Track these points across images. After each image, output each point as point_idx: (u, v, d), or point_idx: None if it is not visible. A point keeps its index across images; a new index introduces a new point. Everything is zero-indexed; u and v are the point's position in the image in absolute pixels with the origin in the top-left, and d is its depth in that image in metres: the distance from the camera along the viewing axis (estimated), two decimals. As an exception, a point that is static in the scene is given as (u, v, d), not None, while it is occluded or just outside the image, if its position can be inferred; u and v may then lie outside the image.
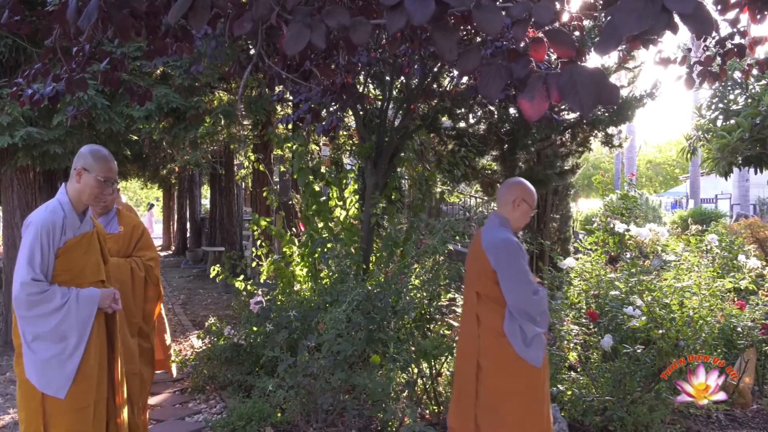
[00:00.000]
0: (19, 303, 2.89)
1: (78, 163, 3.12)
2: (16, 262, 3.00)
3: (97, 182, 3.13)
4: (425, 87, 6.49)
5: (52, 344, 2.94)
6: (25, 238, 2.96)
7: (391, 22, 1.54)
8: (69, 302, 2.96)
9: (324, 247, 6.12)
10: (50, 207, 3.06)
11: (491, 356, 3.35)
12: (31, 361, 2.93)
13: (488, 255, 3.34)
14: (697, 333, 4.74)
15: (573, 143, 9.15)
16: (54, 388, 2.92)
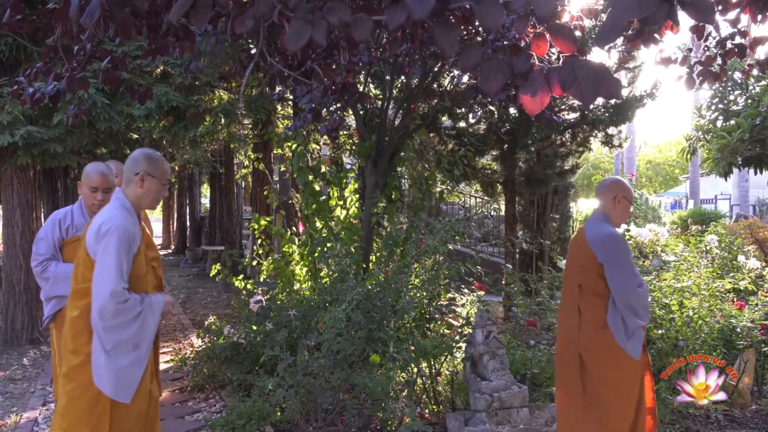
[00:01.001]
0: (105, 311, 2.89)
1: (138, 167, 3.12)
2: (99, 268, 2.93)
3: (159, 186, 3.18)
4: (425, 86, 6.49)
5: (129, 352, 2.97)
6: (108, 244, 2.93)
7: (391, 17, 1.54)
8: (144, 310, 3.01)
9: (324, 247, 6.11)
10: (122, 212, 3.05)
11: (593, 348, 3.52)
12: (105, 368, 2.93)
13: (594, 250, 3.52)
14: (697, 333, 4.74)
15: (573, 143, 9.15)
16: (123, 395, 2.96)
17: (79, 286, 3.03)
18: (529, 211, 10.00)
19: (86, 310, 2.96)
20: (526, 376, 5.01)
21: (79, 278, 3.04)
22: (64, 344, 3.09)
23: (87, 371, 2.94)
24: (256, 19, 1.73)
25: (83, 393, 2.95)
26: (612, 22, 1.42)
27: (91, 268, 2.96)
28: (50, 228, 3.99)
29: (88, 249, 2.98)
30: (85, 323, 2.97)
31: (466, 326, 5.04)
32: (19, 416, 5.20)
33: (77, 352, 2.98)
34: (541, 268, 6.58)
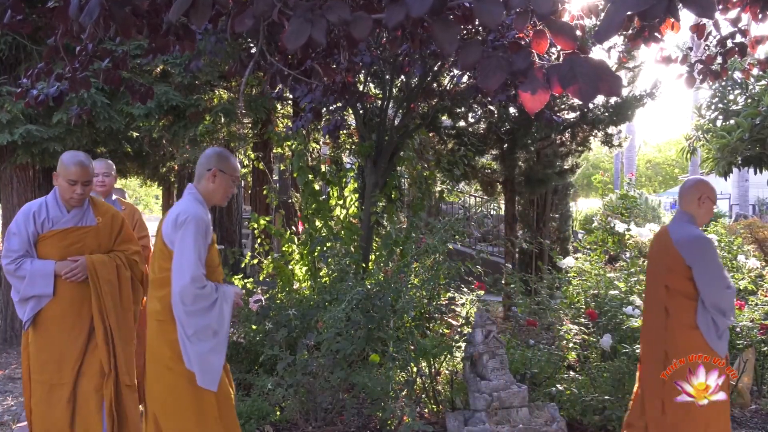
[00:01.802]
0: (186, 296, 2.97)
1: (210, 164, 3.24)
2: (178, 258, 3.01)
3: (230, 182, 3.29)
4: (425, 86, 6.49)
5: (209, 339, 3.05)
6: (186, 233, 3.02)
7: (390, 15, 1.54)
8: (219, 298, 3.08)
9: (323, 246, 6.11)
10: (197, 204, 3.17)
11: (682, 348, 3.56)
12: (191, 354, 3.02)
13: (681, 251, 3.56)
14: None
15: (573, 143, 9.14)
16: (209, 382, 3.05)
17: (157, 276, 3.14)
18: (528, 211, 10.01)
19: (167, 299, 3.05)
20: (526, 375, 5.01)
21: (156, 269, 3.15)
22: (149, 336, 3.18)
23: (181, 360, 3.04)
24: (255, 17, 1.73)
25: (182, 380, 3.05)
26: (611, 17, 1.42)
27: (168, 259, 3.06)
28: (23, 221, 3.60)
29: (165, 239, 3.08)
30: (168, 312, 3.06)
31: (466, 326, 5.04)
32: (19, 415, 5.20)
33: (168, 342, 3.08)
34: (540, 268, 6.58)
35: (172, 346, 3.05)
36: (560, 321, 5.32)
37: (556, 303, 5.59)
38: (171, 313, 3.04)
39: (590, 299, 5.54)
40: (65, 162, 3.61)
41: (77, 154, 3.68)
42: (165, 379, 3.10)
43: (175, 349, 3.04)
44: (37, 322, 3.62)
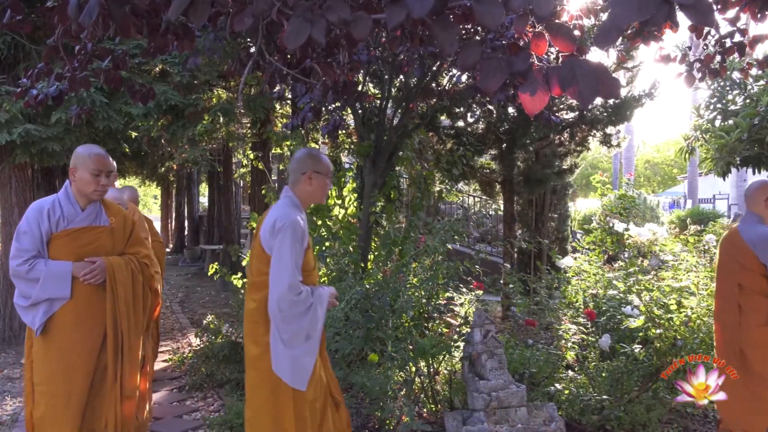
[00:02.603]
0: (283, 302, 3.05)
1: (305, 167, 3.32)
2: (276, 263, 3.08)
3: (326, 182, 3.37)
4: (424, 86, 6.48)
5: (302, 342, 3.14)
6: (284, 239, 3.09)
7: (390, 15, 1.54)
8: (314, 302, 3.16)
9: (322, 246, 6.11)
10: (293, 209, 3.23)
11: (758, 344, 3.82)
12: (283, 357, 3.12)
13: (755, 250, 3.83)
14: (695, 333, 4.75)
15: (571, 143, 9.15)
16: (299, 382, 3.15)
17: (255, 280, 3.23)
18: (527, 211, 10.01)
19: (263, 302, 3.15)
20: (524, 375, 5.01)
21: (254, 272, 3.24)
22: (245, 334, 3.30)
23: (267, 360, 3.14)
24: (255, 17, 1.73)
25: (264, 381, 3.17)
26: (612, 24, 1.42)
27: (266, 263, 3.14)
28: (35, 219, 3.39)
29: (263, 244, 3.17)
30: (262, 314, 3.17)
31: (465, 325, 5.04)
32: (18, 415, 5.20)
33: (257, 342, 3.20)
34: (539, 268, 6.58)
35: (261, 347, 3.17)
36: (559, 321, 5.32)
37: (555, 303, 5.59)
38: (265, 315, 3.15)
39: (589, 299, 5.54)
40: (86, 153, 3.44)
41: (93, 146, 3.55)
42: (250, 377, 3.25)
43: (260, 350, 3.17)
44: (46, 327, 3.40)
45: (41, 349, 3.41)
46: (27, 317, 3.39)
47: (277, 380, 3.13)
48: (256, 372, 3.20)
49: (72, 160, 3.47)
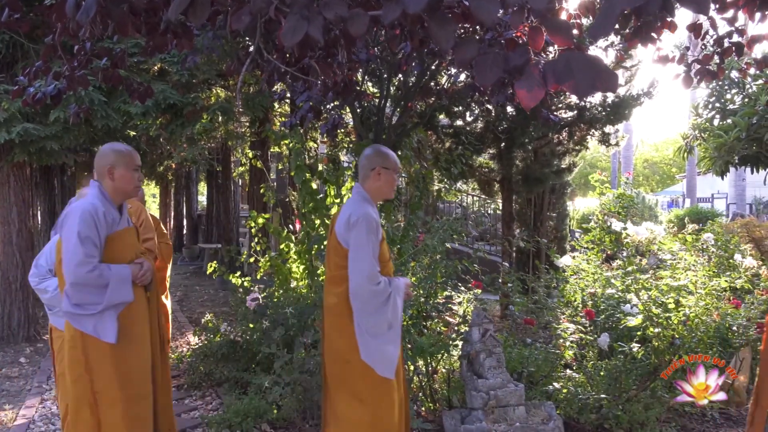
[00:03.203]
0: (363, 294, 3.17)
1: (373, 163, 3.42)
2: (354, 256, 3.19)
3: (394, 177, 3.47)
4: (423, 85, 6.48)
5: (385, 332, 3.25)
6: (359, 232, 3.20)
7: (386, 12, 1.54)
8: (392, 293, 3.24)
9: (321, 244, 6.11)
10: (366, 203, 3.35)
11: None
12: (371, 346, 3.23)
13: None
14: (693, 332, 4.75)
15: (570, 142, 9.15)
16: (387, 371, 3.25)
17: (333, 274, 3.34)
18: (526, 210, 10.01)
19: (344, 295, 3.25)
20: (523, 374, 5.01)
21: (332, 266, 3.36)
22: (327, 330, 3.39)
23: (355, 351, 3.24)
24: (252, 15, 1.73)
25: (355, 372, 3.26)
26: (606, 14, 1.43)
27: (343, 257, 3.25)
28: (92, 224, 3.22)
29: (339, 238, 3.28)
30: (345, 307, 3.26)
31: (463, 324, 5.04)
32: (16, 414, 5.20)
33: (343, 334, 3.29)
34: (538, 267, 6.59)
35: (349, 340, 3.25)
36: (557, 320, 5.32)
37: (553, 302, 5.59)
38: (347, 308, 3.24)
39: (587, 298, 5.55)
40: (125, 150, 3.39)
41: (120, 143, 3.53)
42: (344, 371, 3.31)
43: (351, 342, 3.25)
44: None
45: (106, 354, 3.24)
46: (88, 325, 3.21)
47: (367, 369, 3.24)
48: (346, 364, 3.29)
49: (106, 160, 3.35)
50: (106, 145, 3.45)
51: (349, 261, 3.22)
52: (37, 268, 3.86)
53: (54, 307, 3.82)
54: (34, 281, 3.85)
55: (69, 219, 3.22)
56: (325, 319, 3.43)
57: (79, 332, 3.21)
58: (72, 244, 3.15)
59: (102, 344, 3.22)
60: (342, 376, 3.33)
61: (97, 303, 3.19)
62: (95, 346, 3.22)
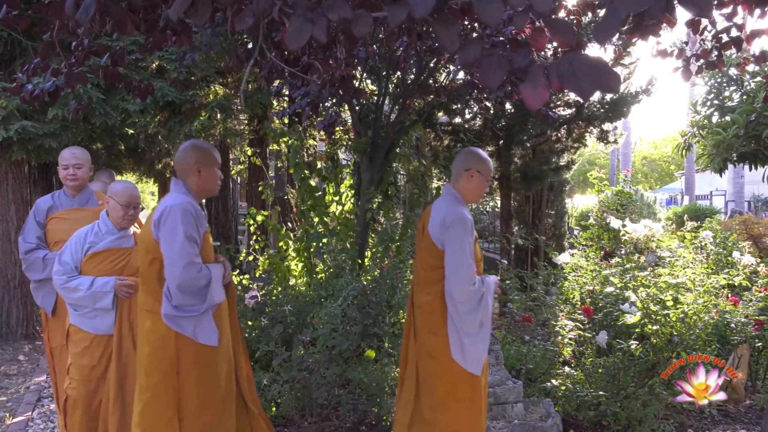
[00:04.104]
0: (460, 295, 3.22)
1: (468, 164, 3.45)
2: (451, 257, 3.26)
3: (485, 183, 3.49)
4: (421, 82, 6.48)
5: (478, 331, 3.31)
6: (455, 234, 3.25)
7: (392, 15, 1.54)
8: (485, 292, 3.31)
9: (319, 242, 6.11)
10: (459, 204, 3.40)
11: None
12: (462, 345, 3.28)
13: None
14: (691, 329, 4.76)
15: (568, 139, 9.16)
16: (475, 368, 3.31)
17: (427, 274, 3.38)
18: (524, 207, 10.02)
19: (438, 294, 3.32)
20: (521, 371, 5.02)
21: (425, 266, 3.40)
22: (422, 325, 3.42)
23: (447, 349, 3.30)
24: (255, 16, 1.72)
25: (445, 369, 3.32)
26: (611, 17, 1.43)
27: (437, 257, 3.31)
28: (193, 224, 3.13)
29: (433, 239, 3.33)
30: (438, 305, 3.32)
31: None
32: (14, 412, 5.20)
33: (435, 332, 3.34)
34: (536, 264, 6.58)
35: (441, 338, 3.31)
36: (555, 317, 5.32)
37: (552, 299, 5.60)
38: (440, 307, 3.31)
39: (585, 295, 5.55)
40: (207, 147, 3.36)
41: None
42: (428, 367, 3.39)
43: (443, 341, 3.31)
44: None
45: (199, 356, 3.18)
46: (188, 328, 3.14)
47: (457, 368, 3.29)
48: (435, 361, 3.34)
49: (192, 158, 3.26)
50: (187, 143, 3.38)
51: (447, 262, 3.27)
52: (62, 265, 3.68)
53: (83, 307, 3.70)
54: (61, 279, 3.66)
55: (169, 218, 3.07)
56: (418, 316, 3.47)
57: (173, 333, 3.11)
58: (178, 245, 3.03)
59: (196, 346, 3.15)
60: (430, 371, 3.39)
61: (198, 304, 3.13)
62: (189, 348, 3.15)
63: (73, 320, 3.76)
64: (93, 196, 4.43)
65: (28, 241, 4.18)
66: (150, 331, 3.17)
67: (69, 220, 4.20)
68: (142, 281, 3.27)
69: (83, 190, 4.37)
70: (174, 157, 3.44)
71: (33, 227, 4.22)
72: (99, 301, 3.65)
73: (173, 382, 3.14)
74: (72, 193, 4.33)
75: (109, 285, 3.66)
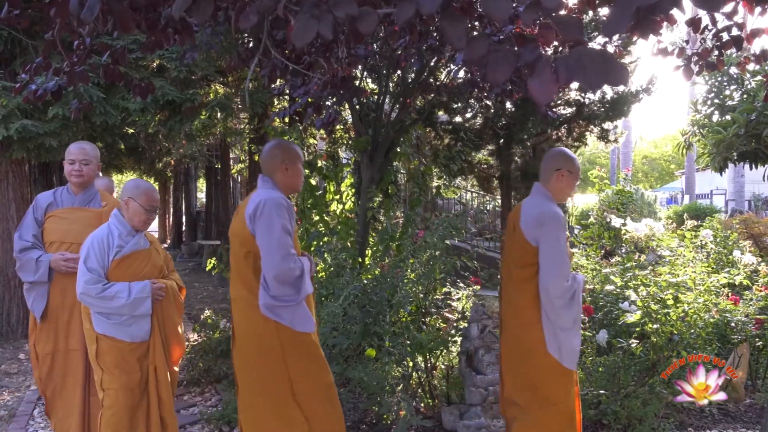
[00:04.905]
0: (557, 292, 3.30)
1: (558, 164, 3.50)
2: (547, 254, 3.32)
3: (574, 182, 3.56)
4: (422, 81, 6.48)
5: (572, 326, 3.38)
6: (550, 231, 3.33)
7: (400, 12, 1.54)
8: (577, 290, 3.37)
9: (320, 241, 6.12)
10: (549, 202, 3.49)
11: None
12: (558, 340, 3.35)
13: None
14: (692, 328, 4.76)
15: (569, 138, 9.17)
16: (570, 362, 3.40)
17: (521, 272, 3.46)
18: (524, 206, 10.00)
19: (531, 291, 3.39)
20: (522, 370, 5.01)
21: (518, 263, 3.48)
22: (513, 324, 3.52)
23: (543, 344, 3.37)
24: (260, 13, 1.72)
25: (546, 365, 3.38)
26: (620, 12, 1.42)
27: (531, 254, 3.38)
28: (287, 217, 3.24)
29: (527, 236, 3.39)
30: (532, 301, 3.39)
31: (462, 320, 5.05)
32: (15, 410, 5.20)
33: (529, 328, 3.42)
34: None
35: (536, 333, 3.38)
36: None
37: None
38: (533, 303, 3.39)
39: (586, 294, 5.55)
40: (291, 146, 3.45)
41: (280, 139, 3.70)
42: (526, 365, 3.45)
43: (538, 336, 3.37)
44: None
45: (301, 343, 3.32)
46: (286, 317, 3.25)
47: (553, 362, 3.36)
48: (532, 356, 3.41)
49: (279, 156, 3.38)
50: (272, 142, 3.49)
51: (542, 258, 3.33)
52: (93, 272, 3.43)
53: (120, 315, 3.47)
54: (95, 288, 3.41)
55: (265, 211, 3.16)
56: (509, 314, 3.56)
57: (272, 322, 3.22)
58: (276, 237, 3.13)
59: (294, 334, 3.26)
60: (524, 369, 3.46)
61: (294, 294, 3.23)
62: (289, 336, 3.26)
63: (102, 329, 3.48)
64: (97, 196, 4.12)
65: (24, 238, 3.95)
66: (247, 323, 3.29)
67: (67, 219, 3.96)
68: (236, 274, 3.34)
69: (88, 188, 4.06)
70: (260, 155, 3.51)
71: (31, 224, 3.97)
72: (138, 307, 3.47)
73: (283, 371, 3.27)
74: (75, 190, 4.02)
75: (146, 290, 3.50)
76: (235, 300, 3.35)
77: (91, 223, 3.87)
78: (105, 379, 3.49)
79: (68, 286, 3.78)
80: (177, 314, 3.74)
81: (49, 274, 3.86)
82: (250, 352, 3.31)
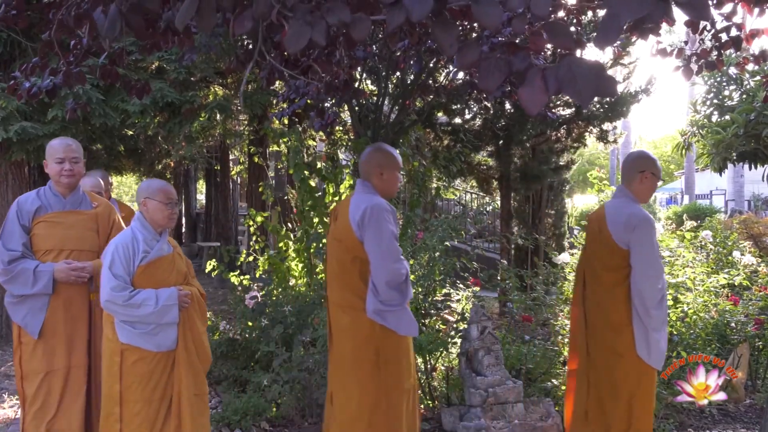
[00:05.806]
0: (654, 293, 3.41)
1: (642, 166, 3.61)
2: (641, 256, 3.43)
3: (656, 183, 3.66)
4: (421, 82, 6.48)
5: (661, 326, 3.48)
6: (643, 234, 3.42)
7: (390, 18, 1.55)
8: (665, 292, 3.51)
9: (319, 242, 6.11)
10: (635, 204, 3.58)
11: None
12: (648, 341, 3.44)
13: None
14: (691, 328, 4.76)
15: (568, 139, 9.16)
16: (658, 362, 3.51)
17: (609, 275, 3.55)
18: (524, 207, 10.01)
19: (621, 293, 3.48)
20: (521, 371, 5.02)
21: (607, 267, 3.57)
22: (602, 323, 3.61)
23: (632, 346, 3.46)
24: (255, 19, 1.72)
25: (634, 366, 3.48)
26: (610, 25, 1.43)
27: (622, 257, 3.47)
28: (393, 222, 3.30)
29: (617, 240, 3.48)
30: (623, 303, 3.48)
31: (462, 322, 5.05)
32: (15, 413, 5.20)
33: (619, 330, 3.50)
34: (536, 264, 6.58)
35: (625, 335, 3.48)
36: (555, 316, 5.33)
37: (552, 299, 5.60)
38: (623, 304, 3.47)
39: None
40: (390, 152, 3.48)
41: (381, 144, 3.68)
42: (616, 367, 3.55)
43: (627, 338, 3.47)
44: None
45: (400, 347, 3.40)
46: (392, 321, 3.30)
47: (641, 362, 3.45)
48: (622, 358, 3.50)
49: (377, 161, 3.43)
50: (372, 146, 3.54)
51: (636, 260, 3.41)
52: (119, 279, 3.26)
53: (147, 324, 3.30)
54: (122, 296, 3.23)
55: (373, 217, 3.20)
56: (597, 317, 3.64)
57: (378, 326, 3.26)
58: (386, 243, 3.19)
59: (397, 338, 3.31)
60: (613, 368, 3.54)
61: (400, 298, 3.27)
62: (391, 340, 3.30)
63: (128, 339, 3.29)
64: (86, 197, 3.83)
65: (12, 248, 3.54)
66: (350, 328, 3.32)
67: (62, 224, 3.66)
68: (340, 279, 3.36)
69: (75, 189, 3.76)
70: (359, 159, 3.56)
71: (17, 232, 3.57)
72: (165, 315, 3.29)
73: (377, 374, 3.29)
74: (63, 192, 3.70)
75: (173, 297, 3.32)
76: (337, 304, 3.38)
77: (89, 226, 3.70)
78: (126, 391, 3.30)
79: (74, 298, 3.59)
80: (201, 322, 3.55)
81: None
82: (346, 352, 3.35)
